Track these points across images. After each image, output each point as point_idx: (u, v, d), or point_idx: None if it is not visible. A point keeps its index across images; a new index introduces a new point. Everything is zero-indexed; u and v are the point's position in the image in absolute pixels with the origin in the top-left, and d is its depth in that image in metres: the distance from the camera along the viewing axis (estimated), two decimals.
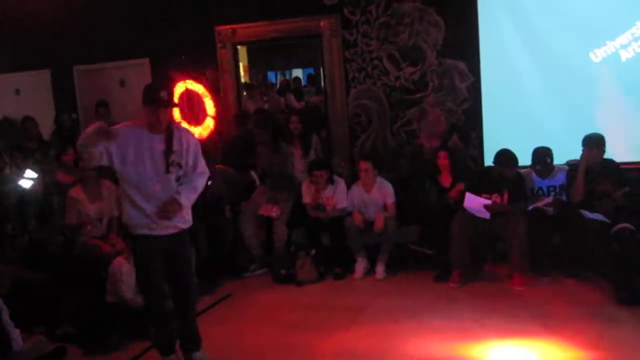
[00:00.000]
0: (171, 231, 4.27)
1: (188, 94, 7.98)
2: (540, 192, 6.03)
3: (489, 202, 5.89)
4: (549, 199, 5.91)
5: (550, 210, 5.82)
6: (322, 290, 6.14)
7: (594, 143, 5.80)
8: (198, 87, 7.97)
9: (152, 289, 4.37)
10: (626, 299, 5.07)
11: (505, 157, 6.01)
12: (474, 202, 5.88)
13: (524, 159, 6.25)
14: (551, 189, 6.00)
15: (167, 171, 4.16)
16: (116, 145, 4.04)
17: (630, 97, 6.51)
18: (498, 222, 5.86)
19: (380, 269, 6.28)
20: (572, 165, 5.98)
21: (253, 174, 7.07)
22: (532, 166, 6.05)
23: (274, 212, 6.58)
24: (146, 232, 4.21)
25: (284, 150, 6.73)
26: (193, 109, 7.98)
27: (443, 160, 6.45)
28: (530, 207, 5.90)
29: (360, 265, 6.34)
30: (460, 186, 6.15)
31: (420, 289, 5.87)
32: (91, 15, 8.34)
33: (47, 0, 8.50)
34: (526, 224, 5.73)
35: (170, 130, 4.18)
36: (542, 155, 5.99)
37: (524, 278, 5.66)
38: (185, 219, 4.33)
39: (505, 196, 5.93)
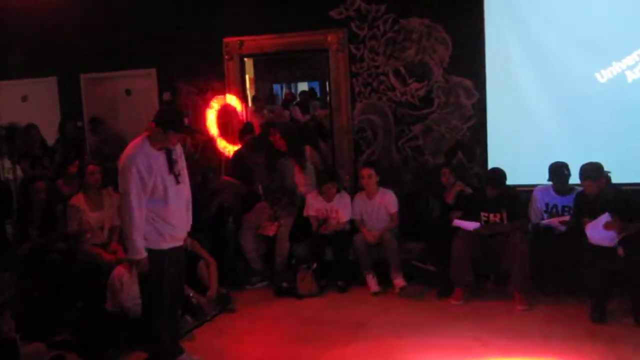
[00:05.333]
0: (181, 243, 4.52)
1: (225, 110, 8.00)
2: (554, 210, 5.99)
3: (477, 225, 5.90)
4: (566, 218, 5.85)
5: (562, 228, 5.79)
6: (324, 304, 6.12)
7: (588, 173, 5.39)
8: (235, 103, 7.99)
9: (167, 303, 4.45)
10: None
11: (489, 175, 6.05)
12: (463, 225, 5.92)
13: (528, 177, 6.24)
14: (566, 208, 5.94)
15: (177, 182, 4.37)
16: (151, 177, 4.21)
17: (636, 118, 6.49)
18: (499, 240, 5.85)
19: (398, 279, 6.20)
20: (577, 195, 5.79)
21: (259, 187, 7.08)
22: (550, 180, 5.97)
23: (270, 231, 6.63)
24: (171, 244, 4.39)
25: (281, 167, 6.75)
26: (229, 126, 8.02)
27: (444, 175, 6.47)
28: (544, 223, 5.88)
29: (372, 281, 6.31)
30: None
31: (422, 306, 5.85)
32: (99, 24, 8.37)
33: (56, 8, 8.54)
34: (527, 243, 5.72)
35: (169, 150, 4.37)
36: (560, 168, 5.91)
37: (526, 297, 5.64)
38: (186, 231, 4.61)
39: (504, 215, 5.92)
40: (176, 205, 4.37)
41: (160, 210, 4.28)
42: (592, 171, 5.37)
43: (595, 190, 5.38)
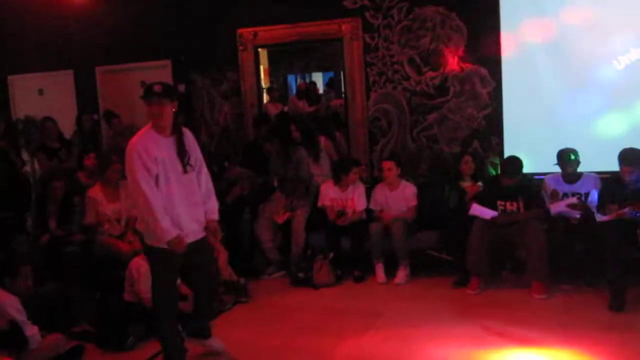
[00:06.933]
0: (199, 236, 4.40)
1: None
2: (564, 198, 5.93)
3: (495, 214, 5.88)
4: (573, 199, 5.82)
5: (577, 215, 5.75)
6: (340, 293, 6.12)
7: (636, 159, 5.41)
8: None
9: (173, 296, 4.45)
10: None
11: (505, 165, 6.05)
12: (480, 212, 5.90)
13: (545, 165, 6.19)
14: (575, 196, 5.90)
15: (185, 171, 4.25)
16: (156, 164, 4.11)
17: None
18: (516, 229, 5.82)
19: (400, 273, 6.24)
20: (604, 181, 5.79)
21: (274, 179, 7.08)
22: (556, 164, 5.96)
23: (280, 219, 6.66)
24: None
25: (296, 157, 6.74)
26: None
27: (466, 163, 6.45)
28: (554, 211, 5.83)
29: (381, 270, 6.33)
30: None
31: (438, 295, 5.84)
32: (114, 16, 8.41)
33: (71, 1, 8.57)
34: (544, 232, 5.69)
35: (179, 131, 4.26)
36: (566, 154, 5.88)
37: (543, 286, 5.61)
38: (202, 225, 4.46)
39: (521, 204, 5.89)
40: (183, 194, 4.24)
41: (165, 200, 4.15)
42: (634, 157, 5.40)
43: (633, 177, 5.40)
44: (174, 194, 4.19)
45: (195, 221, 4.36)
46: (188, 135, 4.37)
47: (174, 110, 4.20)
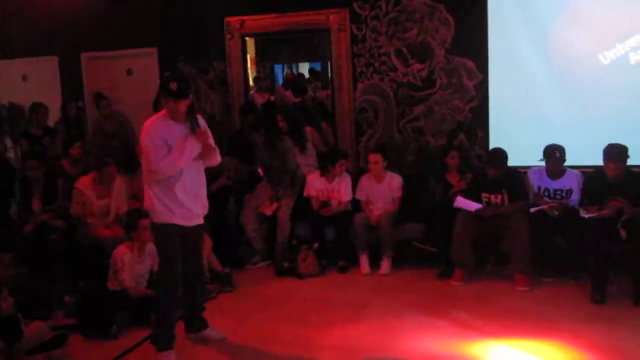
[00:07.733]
0: (199, 221, 4.53)
1: None
2: (546, 194, 5.98)
3: (479, 206, 5.91)
4: (553, 204, 5.86)
5: (555, 213, 5.79)
6: (325, 284, 6.14)
7: (620, 156, 5.45)
8: None
9: (178, 278, 4.47)
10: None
11: (490, 156, 6.08)
12: (465, 205, 5.93)
13: (530, 158, 6.23)
14: (558, 192, 5.94)
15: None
16: (166, 143, 4.23)
17: (638, 100, 6.47)
18: (500, 222, 5.86)
19: (385, 264, 6.28)
20: (588, 175, 5.85)
21: (260, 169, 7.07)
22: (541, 159, 5.96)
23: (268, 210, 6.66)
24: (181, 222, 4.37)
25: (282, 147, 6.74)
26: None
27: (452, 159, 6.47)
28: (534, 210, 5.85)
29: (365, 261, 6.35)
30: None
31: (423, 286, 5.87)
32: (100, 2, 8.33)
33: None
34: (528, 224, 5.72)
35: (193, 118, 4.36)
36: (551, 149, 5.89)
37: (526, 278, 5.66)
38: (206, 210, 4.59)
39: (505, 196, 5.92)
40: (193, 177, 4.36)
41: (173, 184, 4.26)
42: (619, 154, 5.42)
43: (617, 173, 5.42)
44: (184, 178, 4.30)
45: (201, 206, 4.50)
46: (201, 122, 4.46)
47: (189, 103, 4.34)
